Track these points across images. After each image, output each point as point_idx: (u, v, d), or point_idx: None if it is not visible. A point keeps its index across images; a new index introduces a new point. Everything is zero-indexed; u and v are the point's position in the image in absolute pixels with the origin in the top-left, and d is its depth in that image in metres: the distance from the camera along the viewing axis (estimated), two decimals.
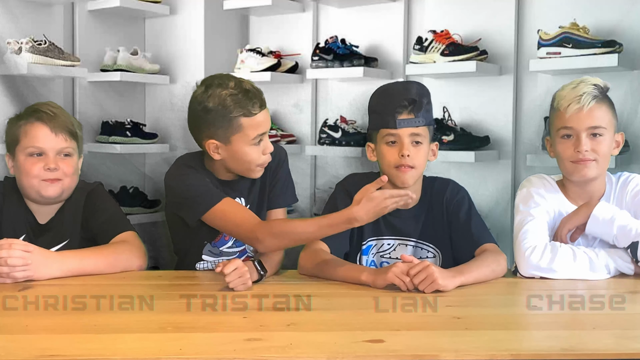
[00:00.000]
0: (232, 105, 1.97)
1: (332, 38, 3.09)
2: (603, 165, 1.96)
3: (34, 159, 2.02)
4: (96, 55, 3.21)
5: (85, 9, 3.19)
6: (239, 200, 2.10)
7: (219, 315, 1.56)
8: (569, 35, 2.57)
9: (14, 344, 1.36)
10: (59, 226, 2.08)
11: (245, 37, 3.51)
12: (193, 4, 3.32)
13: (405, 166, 1.98)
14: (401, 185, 2.01)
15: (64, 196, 2.08)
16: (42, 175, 2.01)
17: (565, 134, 1.95)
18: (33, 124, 2.04)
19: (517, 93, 2.89)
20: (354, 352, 1.31)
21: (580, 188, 1.99)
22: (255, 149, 2.02)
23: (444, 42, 2.82)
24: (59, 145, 2.03)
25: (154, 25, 3.44)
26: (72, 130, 2.06)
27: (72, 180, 2.07)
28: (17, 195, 2.08)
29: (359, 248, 2.08)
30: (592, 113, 1.91)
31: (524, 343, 1.43)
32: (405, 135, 1.98)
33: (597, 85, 1.94)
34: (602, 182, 2.00)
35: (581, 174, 1.94)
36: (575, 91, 1.93)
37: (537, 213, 1.95)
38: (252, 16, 3.51)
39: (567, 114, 1.92)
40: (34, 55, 2.77)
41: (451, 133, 2.83)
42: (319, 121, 3.28)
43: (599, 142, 1.92)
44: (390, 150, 2.01)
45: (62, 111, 2.10)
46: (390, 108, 1.99)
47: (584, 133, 1.92)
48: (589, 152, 1.91)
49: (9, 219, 2.07)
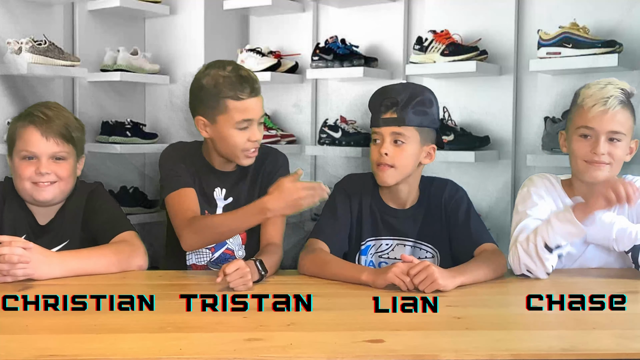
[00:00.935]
0: (222, 86, 2.04)
1: (332, 38, 3.09)
2: (616, 169, 1.94)
3: (26, 162, 2.02)
4: (96, 55, 3.21)
5: (85, 9, 3.20)
6: (218, 190, 2.13)
7: (219, 315, 1.56)
8: (569, 35, 2.57)
9: (14, 344, 1.36)
10: (59, 227, 2.08)
11: (245, 37, 3.52)
12: (193, 4, 3.32)
13: (384, 165, 1.98)
14: (380, 183, 2.03)
15: (58, 199, 2.07)
16: (33, 179, 2.01)
17: (585, 133, 1.93)
18: (26, 128, 2.02)
19: (517, 93, 2.89)
20: (354, 352, 1.31)
21: (588, 188, 1.98)
22: (239, 133, 2.06)
23: (444, 42, 2.82)
24: (50, 150, 2.02)
25: (154, 25, 3.44)
26: (65, 133, 2.04)
27: (67, 183, 2.06)
28: (18, 197, 2.08)
29: (358, 248, 2.08)
30: (615, 117, 1.89)
31: (524, 343, 1.42)
32: (387, 134, 1.98)
33: (624, 90, 1.92)
34: None
35: (593, 176, 1.93)
36: (603, 92, 1.90)
37: (534, 213, 1.95)
38: (252, 16, 3.51)
39: (590, 114, 1.90)
40: (34, 55, 2.77)
41: (451, 133, 2.83)
42: (319, 121, 3.28)
43: (616, 147, 1.91)
44: (374, 148, 2.03)
45: (58, 113, 2.07)
46: (377, 107, 2.01)
47: (604, 136, 1.90)
48: (605, 155, 1.90)
49: (9, 219, 2.07)
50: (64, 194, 2.08)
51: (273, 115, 3.40)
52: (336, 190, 2.13)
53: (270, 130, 3.22)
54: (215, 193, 2.15)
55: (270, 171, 2.17)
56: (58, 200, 2.08)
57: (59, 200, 2.08)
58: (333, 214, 2.07)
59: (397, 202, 2.08)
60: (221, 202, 2.16)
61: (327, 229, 2.05)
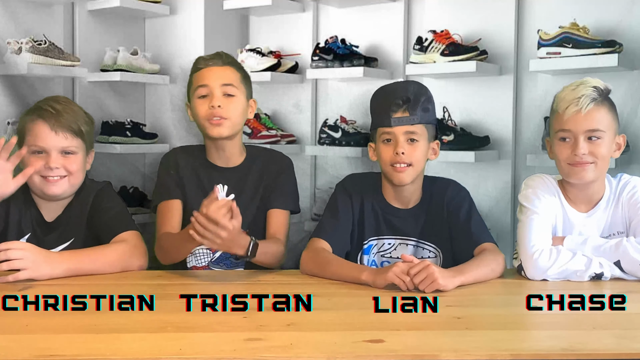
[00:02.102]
0: (194, 64, 2.19)
1: (332, 38, 3.09)
2: (602, 167, 1.94)
3: (35, 157, 2.02)
4: (96, 55, 3.20)
5: (85, 9, 3.19)
6: (221, 187, 2.14)
7: (219, 315, 1.56)
8: (569, 35, 2.57)
9: (14, 344, 1.36)
10: (65, 225, 2.08)
11: (245, 37, 3.51)
12: (193, 4, 3.32)
13: (401, 164, 1.98)
14: (398, 183, 2.02)
15: (67, 194, 2.07)
16: (43, 173, 2.01)
17: (563, 136, 1.93)
18: (35, 122, 2.03)
19: (517, 93, 2.89)
20: (354, 352, 1.31)
21: (580, 190, 1.99)
22: (201, 102, 2.13)
23: (444, 42, 2.82)
24: (60, 144, 2.02)
25: (154, 25, 3.44)
26: (75, 128, 2.04)
27: (76, 177, 2.06)
28: (25, 193, 2.07)
29: (360, 247, 2.08)
30: (590, 116, 1.90)
31: (524, 343, 1.42)
32: (400, 133, 1.99)
33: (597, 88, 1.92)
34: (601, 184, 2.00)
35: (578, 177, 1.93)
36: (574, 93, 1.91)
37: (541, 213, 1.95)
38: (252, 16, 3.51)
39: (565, 117, 1.91)
40: (34, 55, 2.77)
41: (451, 133, 2.83)
42: (319, 121, 3.28)
43: (597, 145, 1.91)
44: (386, 148, 2.02)
45: (67, 107, 2.07)
46: (386, 107, 2.00)
47: (582, 136, 1.90)
48: (586, 155, 1.90)
49: (15, 216, 2.06)
50: (74, 188, 2.08)
51: (273, 115, 3.40)
52: (337, 189, 2.14)
53: (270, 130, 3.22)
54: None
55: (276, 172, 2.19)
56: (67, 195, 2.08)
57: (68, 194, 2.08)
58: (334, 214, 2.07)
59: (401, 201, 2.08)
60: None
61: (329, 228, 2.05)
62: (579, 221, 1.98)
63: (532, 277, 1.87)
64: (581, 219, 1.99)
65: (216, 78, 2.12)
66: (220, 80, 2.12)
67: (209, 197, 1.80)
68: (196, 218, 1.78)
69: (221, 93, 2.11)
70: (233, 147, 2.20)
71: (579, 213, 1.99)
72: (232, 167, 2.20)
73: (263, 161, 2.21)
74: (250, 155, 2.24)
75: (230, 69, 2.17)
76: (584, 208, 2.00)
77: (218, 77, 2.13)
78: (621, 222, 1.98)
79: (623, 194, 1.98)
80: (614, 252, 1.86)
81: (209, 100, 2.10)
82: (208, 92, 2.11)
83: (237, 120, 2.15)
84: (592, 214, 1.99)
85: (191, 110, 2.18)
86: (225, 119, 2.10)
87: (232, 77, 2.15)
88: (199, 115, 2.13)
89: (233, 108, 2.13)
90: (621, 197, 1.98)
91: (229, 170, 2.19)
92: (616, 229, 1.98)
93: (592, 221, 1.98)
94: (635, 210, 1.95)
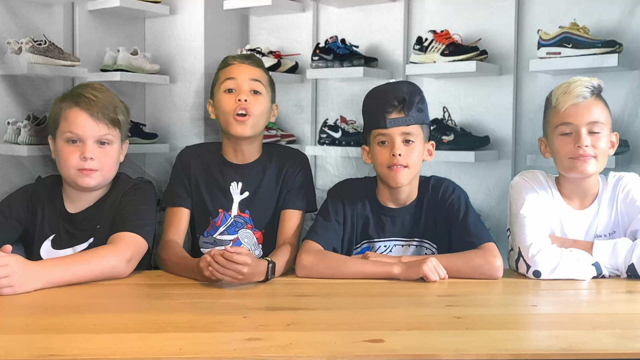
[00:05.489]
0: (223, 60, 2.20)
1: (332, 38, 3.09)
2: (602, 162, 1.96)
3: (70, 147, 1.97)
4: (96, 55, 3.20)
5: (85, 9, 3.19)
6: (234, 185, 2.15)
7: (219, 315, 1.56)
8: (569, 35, 2.57)
9: (14, 344, 1.36)
10: (91, 220, 2.02)
11: (245, 37, 3.51)
12: (193, 4, 3.32)
13: (397, 165, 1.98)
14: (395, 185, 2.01)
15: (101, 185, 2.03)
16: (78, 165, 1.96)
17: (564, 131, 1.94)
18: (72, 109, 1.97)
19: (517, 93, 2.89)
20: (354, 352, 1.31)
21: (576, 185, 2.00)
22: (227, 96, 2.12)
23: (444, 42, 2.82)
24: (97, 133, 1.97)
25: (154, 25, 3.44)
26: (113, 116, 1.99)
27: (110, 170, 2.02)
28: (50, 187, 2.05)
29: (351, 251, 2.08)
30: (591, 108, 1.92)
31: (524, 343, 1.43)
32: (396, 134, 1.98)
33: (590, 83, 1.95)
34: (596, 180, 2.01)
35: (580, 170, 1.94)
36: (572, 87, 1.94)
37: (534, 210, 1.95)
38: (252, 16, 3.51)
39: (565, 111, 1.93)
40: (34, 55, 2.77)
41: (451, 133, 2.83)
42: (319, 121, 3.28)
43: (597, 139, 1.92)
44: (382, 150, 2.01)
45: (106, 95, 2.02)
46: (380, 108, 1.99)
47: (584, 128, 1.91)
48: (589, 147, 1.91)
49: (39, 217, 2.03)
50: (107, 180, 2.04)
51: None
52: (329, 195, 2.13)
53: (271, 130, 3.22)
54: (231, 187, 2.16)
55: (294, 171, 2.19)
56: (101, 187, 2.04)
57: (101, 186, 2.04)
58: (326, 217, 2.07)
59: (397, 202, 2.08)
60: (237, 197, 2.16)
61: (320, 230, 2.04)
62: (573, 217, 1.99)
63: (529, 274, 1.87)
64: (575, 214, 2.00)
65: (245, 72, 2.14)
66: (249, 75, 2.13)
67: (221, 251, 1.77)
68: (214, 258, 1.75)
69: (249, 88, 2.12)
70: (252, 149, 2.19)
71: (574, 210, 2.00)
72: (245, 163, 2.18)
73: (279, 160, 2.20)
74: (266, 152, 2.23)
75: (259, 69, 2.19)
76: (578, 204, 2.01)
77: (247, 72, 2.14)
78: (614, 220, 1.99)
79: (617, 190, 1.99)
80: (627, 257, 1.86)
81: (236, 95, 2.10)
82: (235, 85, 2.11)
83: (261, 121, 2.15)
84: (587, 210, 2.00)
85: (214, 106, 2.17)
86: (249, 116, 2.09)
87: (261, 76, 2.17)
88: (223, 110, 2.11)
89: (259, 105, 2.12)
90: (615, 194, 1.99)
91: (243, 167, 2.18)
92: (610, 227, 1.99)
93: (586, 217, 1.99)
94: (634, 210, 1.95)
